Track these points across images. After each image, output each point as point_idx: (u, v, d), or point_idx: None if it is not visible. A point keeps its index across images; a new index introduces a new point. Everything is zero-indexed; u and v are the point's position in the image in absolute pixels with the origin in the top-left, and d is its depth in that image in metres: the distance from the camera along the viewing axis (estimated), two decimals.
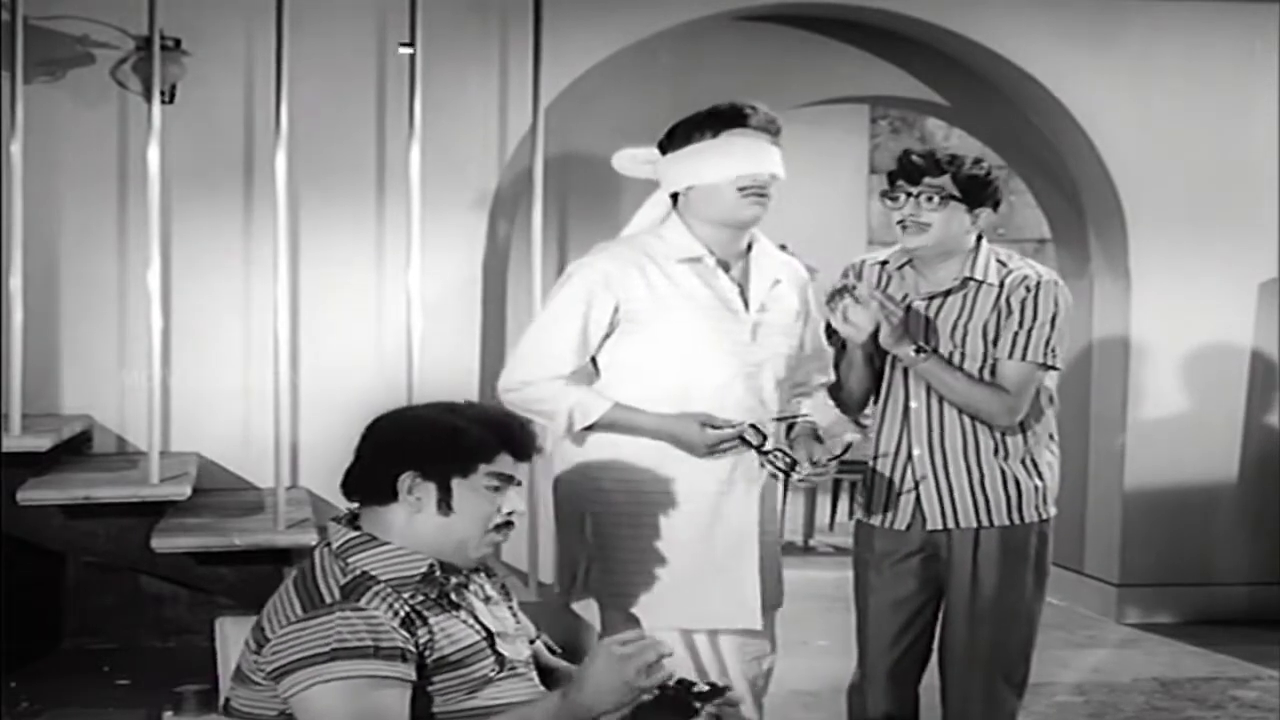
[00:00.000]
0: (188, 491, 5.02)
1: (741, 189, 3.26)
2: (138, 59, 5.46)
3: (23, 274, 5.06)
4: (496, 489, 2.55)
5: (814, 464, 3.29)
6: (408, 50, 5.20)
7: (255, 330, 5.49)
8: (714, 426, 3.23)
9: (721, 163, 3.26)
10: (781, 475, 3.30)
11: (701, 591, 3.27)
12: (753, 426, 3.25)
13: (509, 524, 2.58)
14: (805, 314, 3.47)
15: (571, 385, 3.26)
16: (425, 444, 2.54)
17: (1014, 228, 10.16)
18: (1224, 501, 6.66)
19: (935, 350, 3.50)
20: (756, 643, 3.37)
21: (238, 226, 5.63)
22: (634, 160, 3.41)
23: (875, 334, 3.47)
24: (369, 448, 2.58)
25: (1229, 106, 6.54)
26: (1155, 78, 6.49)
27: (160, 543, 4.81)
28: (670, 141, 3.34)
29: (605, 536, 3.28)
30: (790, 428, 3.45)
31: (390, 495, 2.53)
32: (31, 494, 4.84)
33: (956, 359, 3.52)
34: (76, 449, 5.43)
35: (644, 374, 3.27)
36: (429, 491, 2.52)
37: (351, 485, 2.59)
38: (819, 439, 3.42)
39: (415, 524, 2.52)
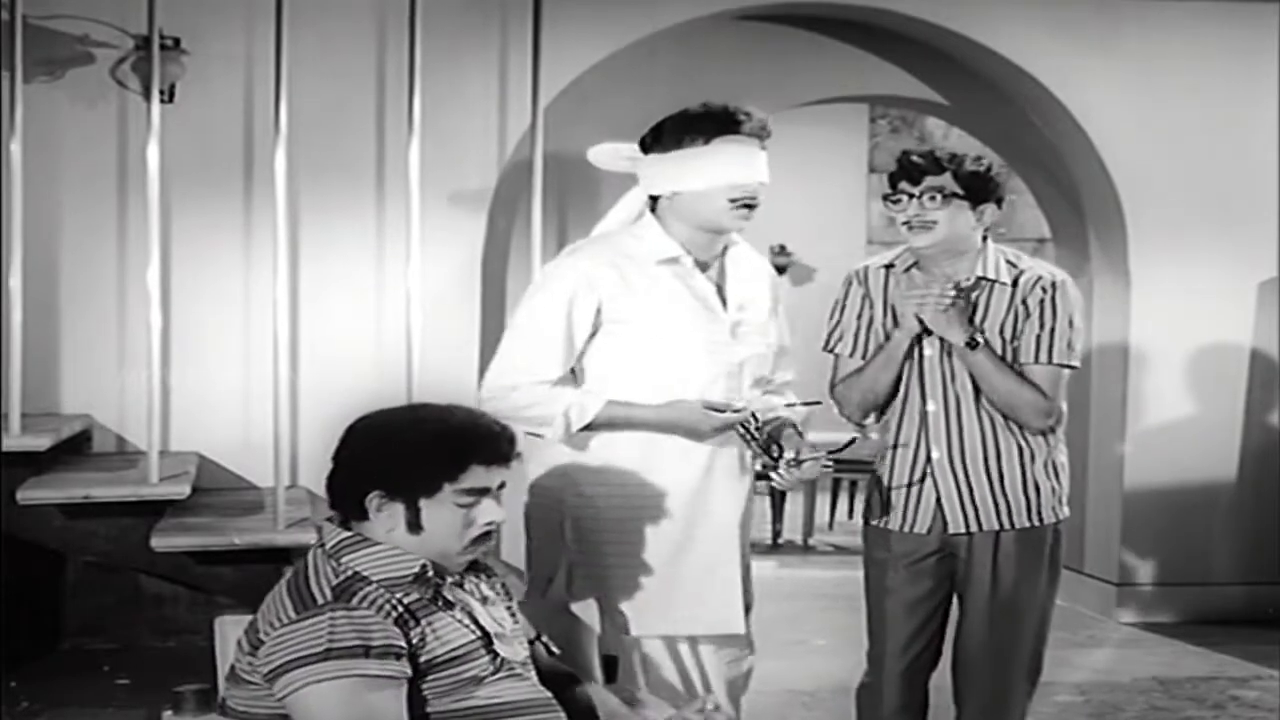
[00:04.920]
0: (187, 491, 5.02)
1: (732, 199, 3.19)
2: (137, 58, 5.46)
3: (23, 274, 5.06)
4: (469, 504, 2.52)
5: (797, 459, 3.24)
6: None
7: (255, 329, 5.48)
8: (716, 410, 3.18)
9: (713, 171, 3.18)
10: (770, 465, 3.26)
11: (685, 597, 3.24)
12: (753, 415, 3.22)
13: (487, 535, 2.55)
14: (775, 311, 3.43)
15: (560, 387, 3.20)
16: (389, 464, 2.50)
17: (1014, 228, 10.17)
18: (1224, 501, 6.67)
19: (987, 341, 3.48)
20: (733, 646, 3.35)
21: (237, 226, 5.64)
22: (614, 155, 3.32)
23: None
24: (342, 460, 2.56)
25: (1229, 106, 6.54)
26: (1155, 78, 6.49)
27: (160, 542, 4.81)
28: (657, 141, 3.25)
29: (587, 541, 3.24)
30: (766, 424, 3.39)
31: (363, 513, 2.52)
32: (31, 494, 4.84)
33: None
34: (76, 449, 5.43)
35: (626, 375, 3.21)
36: (397, 511, 2.50)
37: (331, 496, 2.57)
38: (799, 434, 3.37)
39: (393, 538, 2.51)
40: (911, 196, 3.48)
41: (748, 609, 3.39)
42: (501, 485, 2.57)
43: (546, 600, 3.28)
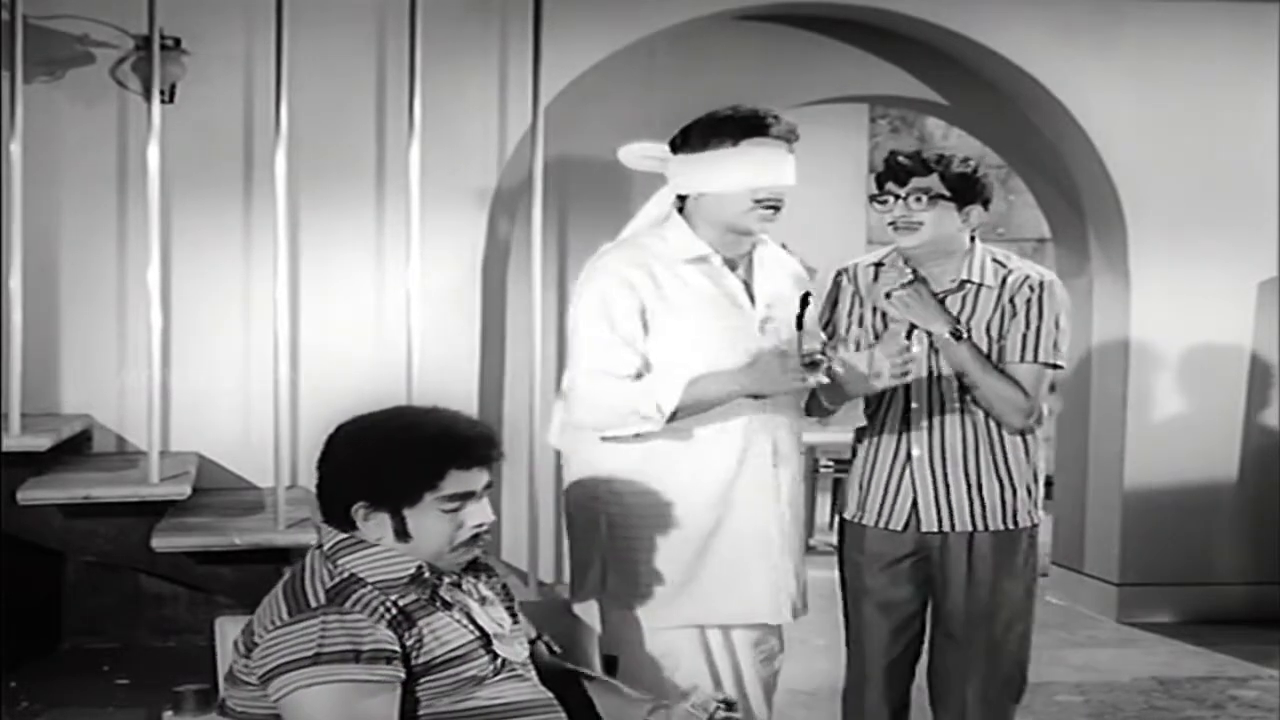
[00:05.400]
0: (187, 491, 5.02)
1: (757, 200, 3.23)
2: (137, 59, 5.46)
3: (23, 274, 5.05)
4: (454, 509, 2.51)
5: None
6: None
7: (255, 330, 5.49)
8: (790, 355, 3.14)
9: (740, 173, 3.22)
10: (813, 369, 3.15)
11: (717, 588, 3.26)
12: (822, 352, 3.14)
13: (477, 536, 2.55)
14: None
15: (629, 383, 3.19)
16: (368, 476, 2.50)
17: (1014, 228, 10.14)
18: (1224, 501, 6.66)
19: (970, 334, 3.49)
20: (768, 642, 3.37)
21: (238, 226, 5.64)
22: (643, 155, 3.35)
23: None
24: (325, 472, 2.56)
25: (1229, 106, 6.54)
26: (1155, 78, 6.49)
27: (160, 542, 4.81)
28: (686, 142, 3.28)
29: (620, 538, 3.27)
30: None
31: (351, 523, 2.52)
32: (31, 494, 4.84)
33: None
34: (76, 449, 5.43)
35: (656, 371, 3.22)
36: (384, 521, 2.51)
37: (320, 506, 2.57)
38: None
39: (384, 544, 2.52)
40: (898, 197, 3.50)
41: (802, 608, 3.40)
42: (488, 486, 2.56)
43: (581, 596, 3.31)
